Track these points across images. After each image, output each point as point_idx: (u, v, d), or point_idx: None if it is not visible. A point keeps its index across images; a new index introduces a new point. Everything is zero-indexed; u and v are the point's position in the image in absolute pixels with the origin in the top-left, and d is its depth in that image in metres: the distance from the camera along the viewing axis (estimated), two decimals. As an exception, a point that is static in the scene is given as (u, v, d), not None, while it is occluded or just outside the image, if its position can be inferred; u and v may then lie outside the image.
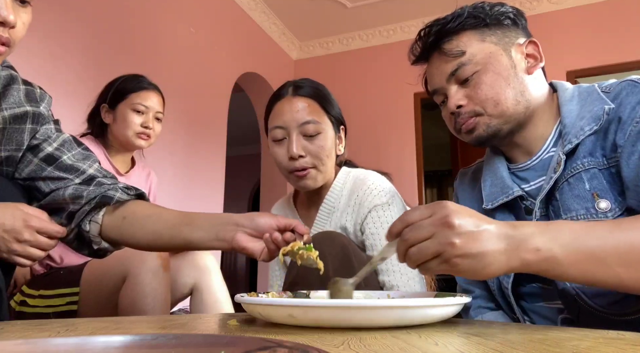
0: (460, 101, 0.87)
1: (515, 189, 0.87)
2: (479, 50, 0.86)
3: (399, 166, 3.95)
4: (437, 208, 0.59)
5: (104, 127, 1.52)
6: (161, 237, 0.85)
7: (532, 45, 0.89)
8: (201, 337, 0.37)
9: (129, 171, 1.57)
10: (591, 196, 0.77)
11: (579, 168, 0.79)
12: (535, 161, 0.88)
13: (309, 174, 1.08)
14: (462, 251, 0.57)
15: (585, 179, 0.78)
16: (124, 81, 1.53)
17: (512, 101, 0.84)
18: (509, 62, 0.86)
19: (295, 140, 1.06)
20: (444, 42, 0.88)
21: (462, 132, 0.89)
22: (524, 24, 0.91)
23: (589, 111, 0.80)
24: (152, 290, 1.21)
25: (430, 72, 0.93)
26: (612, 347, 0.40)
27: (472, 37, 0.87)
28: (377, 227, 1.06)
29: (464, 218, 0.58)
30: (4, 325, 0.62)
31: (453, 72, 0.87)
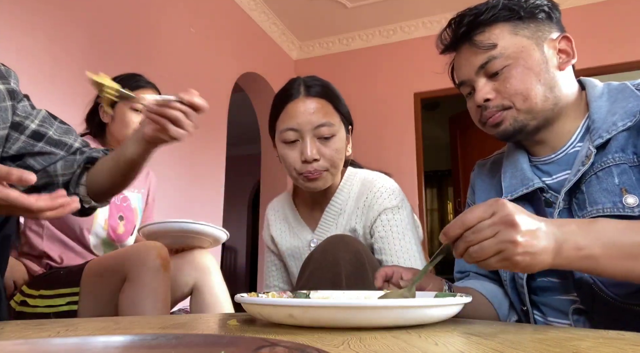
0: (488, 95, 0.86)
1: (535, 181, 0.86)
2: (511, 44, 0.84)
3: (399, 166, 3.95)
4: (497, 207, 0.61)
5: (102, 127, 1.52)
6: (110, 169, 0.97)
7: (565, 40, 0.87)
8: (201, 337, 0.37)
9: None
10: (619, 190, 0.76)
11: (609, 162, 0.78)
12: (559, 155, 0.87)
13: (321, 175, 1.05)
14: (524, 249, 0.59)
15: (616, 173, 0.77)
16: (122, 80, 1.52)
17: (541, 97, 0.83)
18: (541, 57, 0.84)
19: (310, 143, 1.03)
20: (475, 34, 0.86)
21: (487, 125, 0.89)
22: (558, 18, 0.89)
23: (622, 107, 0.80)
24: (152, 290, 1.21)
25: (459, 63, 0.92)
26: (612, 347, 0.40)
27: (505, 30, 0.85)
28: (387, 230, 1.04)
29: (523, 216, 0.60)
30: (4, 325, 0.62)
31: (483, 65, 0.85)
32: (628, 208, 0.75)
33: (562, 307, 0.84)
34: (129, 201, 1.53)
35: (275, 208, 1.25)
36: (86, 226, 1.39)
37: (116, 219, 1.48)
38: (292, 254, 1.17)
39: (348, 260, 0.91)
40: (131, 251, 1.28)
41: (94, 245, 1.42)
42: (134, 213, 1.55)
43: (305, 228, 1.16)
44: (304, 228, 1.16)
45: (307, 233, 1.15)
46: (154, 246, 1.27)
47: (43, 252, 1.37)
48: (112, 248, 1.46)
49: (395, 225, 1.04)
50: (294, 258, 1.18)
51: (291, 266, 1.19)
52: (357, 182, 1.12)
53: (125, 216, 1.51)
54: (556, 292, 0.85)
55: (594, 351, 0.38)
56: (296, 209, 1.20)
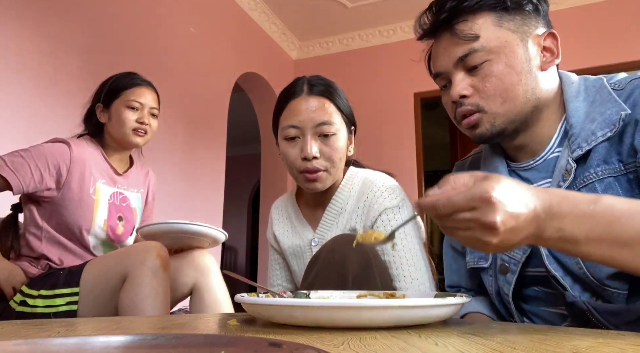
0: (465, 91, 0.80)
1: None
2: (494, 36, 0.78)
3: (399, 166, 3.95)
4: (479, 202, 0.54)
5: (100, 127, 1.51)
6: None
7: (551, 38, 0.82)
8: (201, 337, 0.37)
9: (127, 171, 1.56)
10: None
11: (592, 177, 0.73)
12: (539, 161, 0.83)
13: (320, 177, 1.06)
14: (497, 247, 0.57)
15: (600, 190, 0.72)
16: (117, 79, 1.52)
17: (521, 98, 0.78)
18: (524, 54, 0.78)
19: (310, 141, 1.04)
20: (457, 22, 0.80)
21: (462, 125, 0.84)
22: (545, 11, 0.83)
23: (600, 113, 0.75)
24: (152, 290, 1.21)
25: (436, 53, 0.85)
26: (612, 347, 0.40)
27: (489, 21, 0.79)
28: (388, 231, 1.04)
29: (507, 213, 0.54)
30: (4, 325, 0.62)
31: (462, 58, 0.79)
32: None
33: (552, 320, 0.82)
34: (128, 201, 1.53)
35: (279, 207, 1.26)
36: (85, 227, 1.39)
37: (115, 219, 1.48)
38: (294, 253, 1.18)
39: (355, 260, 0.90)
40: (131, 251, 1.28)
41: (94, 246, 1.42)
42: (133, 213, 1.55)
43: (307, 228, 1.16)
44: (305, 228, 1.16)
45: (309, 232, 1.15)
46: (153, 246, 1.27)
47: (42, 254, 1.37)
48: (111, 248, 1.46)
49: (397, 225, 1.04)
50: (295, 257, 1.18)
51: (293, 265, 1.19)
52: (358, 181, 1.12)
53: (125, 217, 1.51)
54: (546, 304, 0.82)
55: (594, 351, 0.38)
56: (299, 209, 1.20)
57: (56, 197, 1.37)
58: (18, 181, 1.29)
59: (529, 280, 0.83)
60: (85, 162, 1.41)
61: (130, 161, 1.61)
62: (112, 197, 1.48)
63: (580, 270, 0.74)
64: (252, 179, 7.37)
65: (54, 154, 1.36)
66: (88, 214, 1.40)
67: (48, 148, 1.37)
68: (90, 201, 1.41)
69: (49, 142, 1.41)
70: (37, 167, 1.32)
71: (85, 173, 1.41)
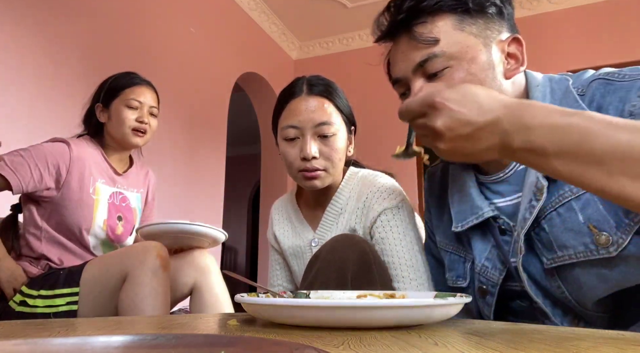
0: None
1: (485, 211, 0.77)
2: (455, 41, 0.73)
3: (399, 166, 3.94)
4: (427, 109, 0.57)
5: (100, 127, 1.51)
6: None
7: (515, 43, 0.77)
8: (201, 337, 0.37)
9: (126, 171, 1.56)
10: (587, 229, 0.66)
11: (567, 195, 0.68)
12: (508, 173, 0.78)
13: (319, 175, 1.05)
14: (449, 152, 0.57)
15: (577, 209, 0.67)
16: (116, 79, 1.52)
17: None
18: (487, 61, 0.73)
19: (310, 141, 1.04)
20: (416, 24, 0.75)
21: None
22: (510, 14, 0.78)
23: None
24: (152, 290, 1.21)
25: (395, 57, 0.80)
26: (612, 347, 0.40)
27: (449, 23, 0.74)
28: (387, 231, 1.04)
29: (452, 118, 0.55)
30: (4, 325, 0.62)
31: (421, 63, 0.74)
32: (603, 248, 0.65)
33: None
34: (128, 201, 1.53)
35: (279, 208, 1.26)
36: (85, 227, 1.39)
37: (115, 219, 1.48)
38: (294, 253, 1.18)
39: (354, 260, 0.90)
40: (131, 251, 1.28)
41: (94, 246, 1.42)
42: (133, 213, 1.55)
43: (307, 228, 1.16)
44: (305, 228, 1.16)
45: (309, 232, 1.15)
46: (153, 246, 1.27)
47: (42, 255, 1.37)
48: (111, 248, 1.46)
49: (396, 226, 1.04)
50: (295, 257, 1.18)
51: (293, 265, 1.19)
52: (357, 182, 1.12)
53: (124, 217, 1.51)
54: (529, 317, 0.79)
55: (594, 351, 0.38)
56: (299, 209, 1.20)
57: (56, 197, 1.37)
58: (18, 181, 1.29)
59: (510, 294, 0.80)
60: (85, 162, 1.41)
61: (130, 161, 1.61)
62: (111, 197, 1.48)
63: (562, 295, 0.71)
64: (252, 179, 7.37)
65: (53, 153, 1.36)
66: (88, 214, 1.40)
67: (48, 148, 1.37)
68: (90, 201, 1.41)
69: (48, 142, 1.41)
70: (37, 167, 1.32)
71: (85, 172, 1.41)
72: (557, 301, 0.73)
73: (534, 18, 3.80)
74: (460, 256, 0.87)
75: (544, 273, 0.73)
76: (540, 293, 0.74)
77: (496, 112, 0.55)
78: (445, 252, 0.91)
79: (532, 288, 0.74)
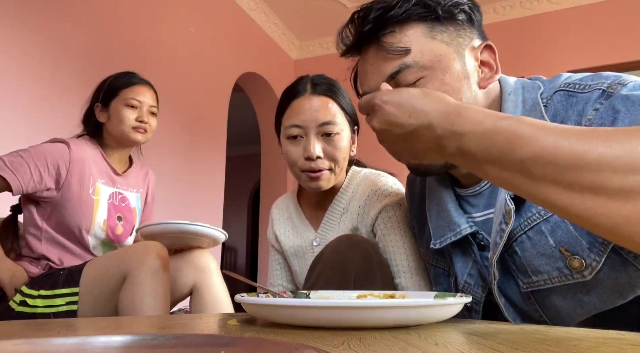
0: None
1: (463, 227, 0.75)
2: (426, 49, 0.70)
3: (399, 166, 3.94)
4: (369, 108, 0.61)
5: (99, 127, 1.51)
6: None
7: (488, 50, 0.74)
8: (201, 337, 0.37)
9: (126, 171, 1.56)
10: (559, 253, 0.65)
11: (535, 218, 0.66)
12: (484, 186, 0.76)
13: (323, 175, 1.05)
14: (392, 151, 0.62)
15: (547, 232, 0.65)
16: (115, 78, 1.52)
17: None
18: (461, 70, 0.71)
19: (313, 140, 1.03)
20: (384, 34, 0.72)
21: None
22: (479, 22, 0.75)
23: None
24: (152, 290, 1.21)
25: (364, 70, 0.76)
26: (612, 347, 0.40)
27: (419, 32, 0.71)
28: (388, 228, 1.04)
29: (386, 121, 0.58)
30: (4, 325, 0.62)
31: (393, 75, 0.70)
32: (577, 273, 0.63)
33: None
34: (127, 201, 1.53)
35: (280, 207, 1.25)
36: (85, 227, 1.39)
37: (115, 219, 1.48)
38: (295, 253, 1.18)
39: (358, 260, 0.90)
40: (131, 251, 1.28)
41: (93, 246, 1.42)
42: (132, 213, 1.55)
43: (309, 228, 1.16)
44: (307, 228, 1.16)
45: (310, 232, 1.15)
46: (153, 246, 1.27)
47: (42, 255, 1.37)
48: (111, 248, 1.46)
49: (397, 222, 1.04)
50: (296, 257, 1.18)
51: (294, 265, 1.19)
52: (359, 181, 1.12)
53: (124, 217, 1.51)
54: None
55: (594, 351, 0.38)
56: (300, 209, 1.20)
57: (55, 197, 1.37)
58: (18, 182, 1.29)
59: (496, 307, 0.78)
60: (84, 162, 1.41)
61: (130, 161, 1.61)
62: (111, 197, 1.48)
63: (540, 318, 0.70)
64: (252, 179, 7.37)
65: (53, 154, 1.36)
66: (88, 214, 1.40)
67: (47, 148, 1.37)
68: (90, 201, 1.41)
69: (48, 142, 1.41)
70: (37, 167, 1.32)
71: (85, 172, 1.41)
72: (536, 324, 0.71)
73: (534, 18, 3.80)
74: (444, 270, 0.86)
75: (521, 296, 0.71)
76: (519, 316, 0.73)
77: (429, 117, 0.55)
78: (430, 265, 0.91)
79: (510, 311, 0.73)
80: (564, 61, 3.57)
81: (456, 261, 0.79)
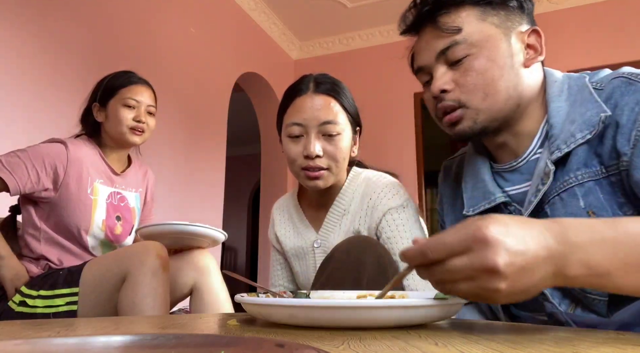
0: (446, 85, 0.78)
1: (497, 196, 0.80)
2: (477, 30, 0.77)
3: (399, 166, 3.95)
4: (473, 243, 0.47)
5: (97, 127, 1.50)
6: None
7: (534, 35, 0.81)
8: (201, 337, 0.37)
9: (125, 170, 1.56)
10: (586, 214, 0.70)
11: (571, 181, 0.72)
12: (521, 162, 0.81)
13: (322, 175, 1.05)
14: (509, 293, 0.47)
15: (580, 195, 0.71)
16: (113, 78, 1.51)
17: (503, 95, 0.76)
18: (507, 50, 0.77)
19: (314, 139, 1.03)
20: (440, 14, 0.78)
21: (443, 122, 0.81)
22: (530, 10, 0.82)
23: (580, 114, 0.73)
24: (152, 290, 1.21)
25: (419, 47, 0.84)
26: (612, 347, 0.40)
27: (472, 14, 0.78)
28: (393, 230, 1.04)
29: (509, 251, 0.46)
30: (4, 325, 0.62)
31: (444, 50, 0.78)
32: None
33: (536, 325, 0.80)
34: (126, 200, 1.53)
35: (280, 207, 1.25)
36: (84, 228, 1.39)
37: (114, 219, 1.47)
38: (296, 254, 1.17)
39: (371, 263, 0.90)
40: (130, 251, 1.28)
41: (92, 246, 1.42)
42: (131, 212, 1.54)
43: (310, 229, 1.16)
44: (308, 229, 1.16)
45: (311, 233, 1.15)
46: (153, 247, 1.27)
47: (41, 255, 1.37)
48: (110, 248, 1.46)
49: (402, 224, 1.04)
50: (297, 258, 1.17)
51: (295, 266, 1.19)
52: (361, 182, 1.12)
53: (123, 216, 1.50)
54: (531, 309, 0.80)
55: (594, 351, 0.38)
56: (301, 210, 1.19)
57: (54, 197, 1.37)
58: (15, 182, 1.29)
59: None
60: (82, 162, 1.41)
61: (128, 161, 1.60)
62: (110, 197, 1.47)
63: None
64: (252, 179, 7.37)
65: (50, 154, 1.36)
66: (86, 214, 1.40)
67: (45, 148, 1.37)
68: (88, 201, 1.41)
69: (45, 142, 1.41)
70: (34, 167, 1.32)
71: (83, 172, 1.40)
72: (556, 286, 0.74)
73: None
74: None
75: None
76: None
77: (544, 238, 0.49)
78: None
79: None
80: (564, 61, 3.57)
81: None
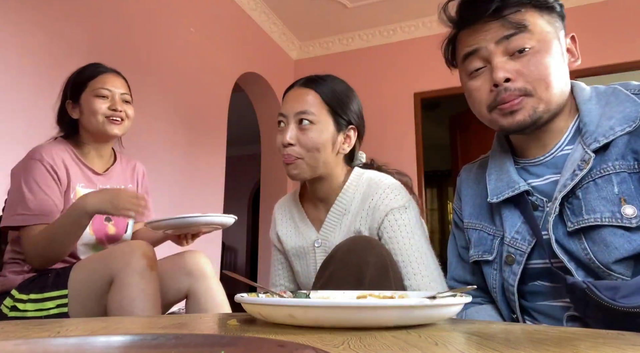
0: (510, 74, 0.80)
1: (521, 184, 0.85)
2: (540, 28, 0.81)
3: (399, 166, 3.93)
4: None
5: (74, 125, 1.45)
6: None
7: (572, 40, 0.87)
8: (201, 337, 0.37)
9: (109, 168, 1.49)
10: (618, 200, 0.75)
11: (609, 169, 0.77)
12: (548, 157, 0.86)
13: (294, 163, 1.08)
14: None
15: (615, 182, 0.76)
16: (81, 71, 1.46)
17: (558, 88, 0.81)
18: (559, 50, 0.83)
19: (290, 129, 1.08)
20: (508, 13, 0.81)
21: (503, 110, 0.82)
22: (564, 17, 0.88)
23: (618, 111, 0.78)
24: (140, 292, 1.15)
25: (474, 30, 0.84)
26: (612, 347, 0.40)
27: (535, 14, 0.82)
28: (395, 230, 1.04)
29: None
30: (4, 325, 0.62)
31: (508, 36, 0.80)
32: (626, 218, 0.73)
33: (554, 313, 0.82)
34: None
35: (282, 207, 1.25)
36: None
37: (102, 222, 1.42)
38: (297, 253, 1.17)
39: (373, 264, 0.90)
40: (115, 252, 1.22)
41: (84, 252, 1.37)
42: None
43: (311, 228, 1.16)
44: (309, 228, 1.16)
45: (312, 233, 1.15)
46: (138, 246, 1.21)
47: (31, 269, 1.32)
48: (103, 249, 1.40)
49: (404, 225, 1.04)
50: (298, 258, 1.18)
51: (296, 266, 1.19)
52: (363, 183, 1.12)
53: (113, 216, 1.41)
54: (548, 297, 0.83)
55: (594, 351, 0.38)
56: (302, 209, 1.20)
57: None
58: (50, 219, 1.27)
59: (532, 274, 0.84)
60: (60, 169, 1.35)
61: (114, 157, 1.53)
62: None
63: (587, 256, 0.76)
64: (252, 179, 7.38)
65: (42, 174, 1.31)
66: None
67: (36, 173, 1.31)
68: None
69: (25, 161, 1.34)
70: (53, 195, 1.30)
71: (62, 179, 1.35)
72: (581, 264, 0.78)
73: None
74: (489, 234, 0.93)
75: (569, 236, 0.79)
76: (566, 255, 0.79)
77: None
78: (474, 230, 0.96)
79: (559, 251, 0.79)
80: (564, 61, 3.57)
81: (506, 219, 0.87)
